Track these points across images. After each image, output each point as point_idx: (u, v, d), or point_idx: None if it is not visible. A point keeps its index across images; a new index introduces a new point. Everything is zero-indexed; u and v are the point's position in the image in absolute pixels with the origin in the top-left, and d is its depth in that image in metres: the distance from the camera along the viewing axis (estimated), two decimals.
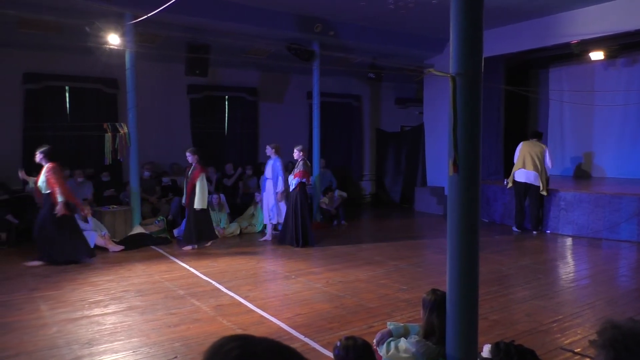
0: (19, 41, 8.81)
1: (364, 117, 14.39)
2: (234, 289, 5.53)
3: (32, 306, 4.99)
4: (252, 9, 8.52)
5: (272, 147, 8.44)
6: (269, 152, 8.45)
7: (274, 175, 8.40)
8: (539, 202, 9.11)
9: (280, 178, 8.34)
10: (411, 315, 4.52)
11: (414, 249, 7.95)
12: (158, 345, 3.96)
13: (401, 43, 10.59)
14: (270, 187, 8.47)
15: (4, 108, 9.42)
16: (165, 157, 10.78)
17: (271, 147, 8.44)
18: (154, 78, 10.32)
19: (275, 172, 8.38)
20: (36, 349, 3.90)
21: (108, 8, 7.48)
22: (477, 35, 2.40)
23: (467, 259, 2.43)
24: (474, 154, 2.41)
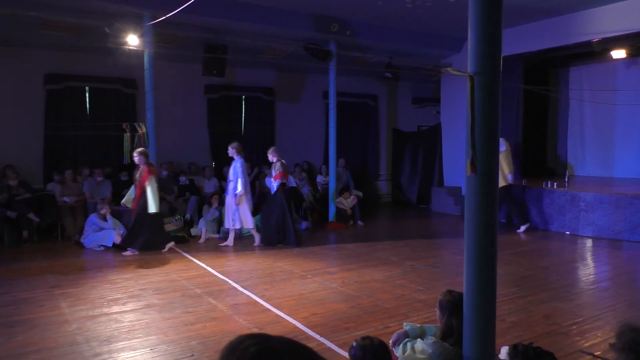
0: (40, 42, 8.96)
1: (381, 117, 14.35)
2: (250, 288, 5.55)
3: (53, 303, 5.08)
4: (269, 9, 8.55)
5: (234, 147, 7.98)
6: (231, 152, 7.97)
7: (235, 177, 7.92)
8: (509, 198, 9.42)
9: (240, 180, 7.81)
10: (427, 316, 4.49)
11: (430, 250, 7.89)
12: (175, 343, 3.99)
13: (418, 42, 10.52)
14: (231, 190, 7.99)
15: (26, 108, 9.60)
16: (182, 157, 10.88)
17: (232, 148, 7.98)
18: (172, 78, 10.42)
19: (236, 173, 7.88)
20: (57, 345, 3.96)
21: (127, 9, 7.57)
22: (496, 34, 2.37)
23: (484, 259, 2.41)
24: (492, 154, 2.39)
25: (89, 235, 7.85)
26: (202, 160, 11.24)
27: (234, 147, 7.97)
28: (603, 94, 11.00)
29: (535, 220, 9.62)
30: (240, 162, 7.87)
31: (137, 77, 9.64)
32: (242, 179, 7.81)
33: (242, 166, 7.86)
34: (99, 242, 7.77)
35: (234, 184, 7.91)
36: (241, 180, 7.80)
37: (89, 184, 9.12)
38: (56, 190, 8.90)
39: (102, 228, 7.89)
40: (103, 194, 8.98)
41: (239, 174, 7.82)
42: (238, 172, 7.82)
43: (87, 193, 9.00)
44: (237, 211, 7.94)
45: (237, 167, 7.86)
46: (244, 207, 7.98)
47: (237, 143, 8.05)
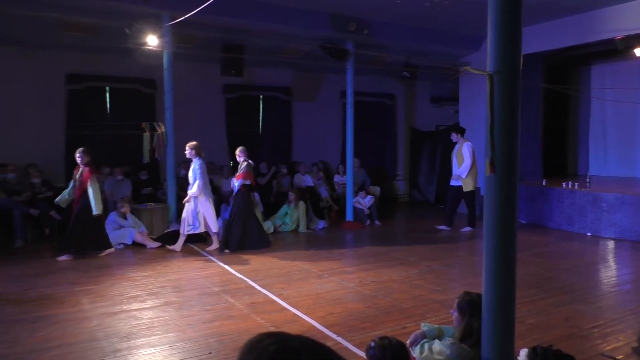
0: (62, 43, 9.11)
1: (398, 116, 14.29)
2: (267, 287, 5.58)
3: (74, 300, 5.16)
4: (287, 9, 8.56)
5: (192, 147, 7.57)
6: (189, 153, 7.56)
7: (194, 179, 7.54)
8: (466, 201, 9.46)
9: (197, 181, 7.42)
10: (445, 317, 4.46)
11: (448, 250, 7.83)
12: (193, 341, 4.03)
13: (436, 41, 10.44)
14: None
15: (48, 108, 9.78)
16: None
17: (190, 148, 7.56)
18: (190, 78, 10.51)
19: (194, 174, 7.52)
20: (77, 341, 4.03)
21: (146, 10, 7.65)
22: (516, 32, 2.35)
23: (503, 260, 2.38)
24: (512, 154, 2.36)
25: (109, 233, 7.95)
26: (220, 159, 11.32)
27: (193, 147, 7.55)
28: (626, 92, 10.80)
29: (556, 221, 9.48)
30: (199, 163, 7.49)
31: (157, 77, 9.75)
32: (200, 181, 7.41)
33: (200, 167, 7.47)
34: (119, 239, 7.88)
35: (190, 185, 7.56)
36: (198, 182, 7.40)
37: (109, 182, 9.25)
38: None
39: (122, 226, 7.99)
40: (123, 192, 9.09)
41: (197, 175, 7.44)
42: (196, 173, 7.44)
43: (108, 192, 9.12)
44: (196, 214, 7.51)
45: (196, 168, 7.47)
46: (207, 209, 7.57)
47: (195, 143, 7.64)
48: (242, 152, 7.89)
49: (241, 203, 7.72)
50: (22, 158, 9.06)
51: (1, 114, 9.38)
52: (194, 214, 7.52)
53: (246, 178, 7.73)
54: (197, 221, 7.54)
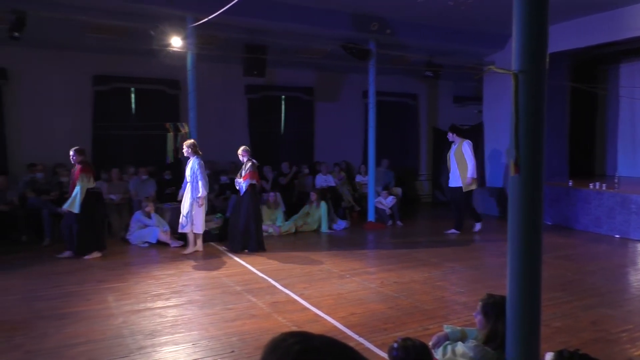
0: (89, 45, 9.29)
1: (421, 116, 14.19)
2: (289, 287, 5.59)
3: (100, 297, 5.26)
4: (309, 9, 8.58)
5: (189, 145, 7.40)
6: (186, 152, 7.41)
7: (192, 178, 7.33)
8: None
9: (200, 182, 7.26)
10: (468, 319, 4.41)
11: (471, 251, 7.75)
12: (216, 339, 4.07)
13: (460, 40, 10.34)
14: (188, 191, 7.42)
15: (76, 108, 9.99)
16: (223, 156, 11.05)
17: (187, 147, 7.40)
18: (213, 79, 10.61)
19: (194, 174, 7.31)
20: (103, 338, 4.11)
21: (171, 12, 7.76)
22: (542, 30, 2.31)
23: (529, 262, 2.35)
24: (537, 154, 2.32)
25: (134, 232, 8.09)
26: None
27: (190, 145, 7.39)
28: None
29: (583, 223, 9.30)
30: (198, 162, 7.32)
31: (180, 78, 9.86)
32: (203, 181, 7.27)
33: (200, 166, 7.30)
34: (144, 238, 8.00)
35: (191, 186, 7.34)
36: (201, 182, 7.26)
37: (134, 182, 9.40)
38: (103, 188, 9.21)
39: (146, 225, 8.11)
40: (147, 192, 9.23)
41: (198, 176, 7.26)
42: (197, 174, 7.26)
43: (133, 191, 9.28)
44: (189, 214, 7.36)
45: (195, 167, 7.30)
46: (199, 210, 7.37)
47: (192, 141, 7.50)
48: (245, 152, 7.76)
49: (250, 203, 7.61)
50: (50, 158, 9.29)
51: (31, 115, 9.62)
52: (188, 213, 7.39)
53: (252, 178, 7.64)
54: (189, 221, 7.38)
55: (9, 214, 8.21)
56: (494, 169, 11.90)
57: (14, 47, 8.63)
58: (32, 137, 9.52)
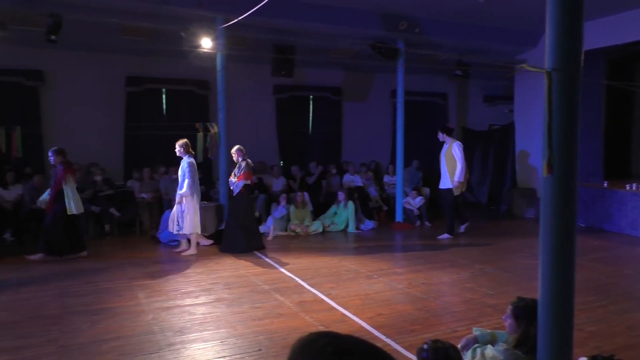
0: (122, 47, 9.50)
1: (450, 116, 14.03)
2: (316, 286, 5.60)
3: (131, 294, 5.37)
4: (337, 9, 8.57)
5: (181, 145, 7.34)
6: (179, 151, 7.36)
7: (182, 178, 7.30)
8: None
9: (186, 180, 7.20)
10: (498, 322, 4.33)
11: (501, 253, 7.62)
12: (244, 337, 4.10)
13: (491, 38, 10.18)
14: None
15: (109, 109, 10.24)
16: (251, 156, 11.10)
17: (179, 146, 7.34)
18: (242, 79, 10.71)
19: (183, 173, 7.27)
20: (134, 334, 4.19)
21: (201, 13, 7.87)
22: (576, 27, 2.25)
23: (561, 265, 2.29)
24: (571, 154, 2.26)
25: (164, 231, 8.22)
26: (270, 159, 11.47)
27: (182, 145, 7.34)
28: None
29: (618, 225, 9.03)
30: (188, 162, 7.27)
31: (210, 79, 10.00)
32: (189, 180, 7.20)
33: (189, 165, 7.24)
34: (173, 237, 8.11)
35: (180, 184, 7.37)
36: (187, 181, 7.18)
37: (165, 181, 9.56)
38: (135, 187, 9.41)
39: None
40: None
41: (185, 174, 7.23)
42: (185, 172, 7.23)
43: (163, 190, 9.43)
44: (178, 213, 7.34)
45: (184, 166, 7.25)
46: (190, 210, 7.31)
47: (185, 140, 7.42)
48: (239, 152, 7.66)
49: (245, 204, 7.58)
50: (85, 157, 9.53)
51: (66, 116, 9.89)
52: (180, 214, 7.34)
53: (247, 178, 7.57)
54: (183, 221, 7.33)
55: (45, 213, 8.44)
56: (525, 169, 11.68)
57: (51, 50, 8.88)
58: (67, 137, 9.78)
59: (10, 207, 8.37)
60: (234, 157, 7.70)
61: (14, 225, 8.24)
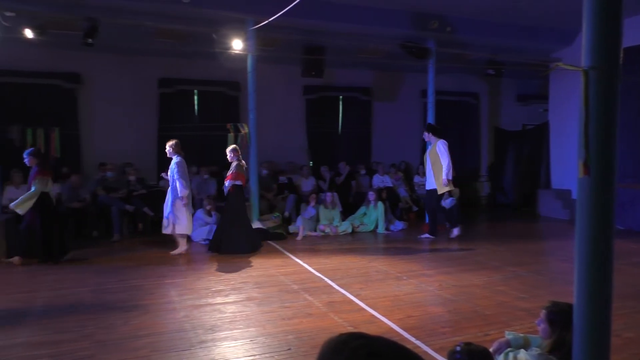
0: (155, 49, 9.71)
1: (482, 116, 13.82)
2: (345, 287, 5.59)
3: (163, 291, 5.47)
4: (367, 9, 8.55)
5: (171, 145, 7.27)
6: (169, 152, 7.29)
7: (171, 178, 7.22)
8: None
9: (178, 182, 7.12)
10: (531, 326, 4.22)
11: (534, 255, 7.45)
12: (273, 336, 4.13)
13: (524, 36, 9.97)
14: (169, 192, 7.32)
15: (143, 110, 10.47)
16: (281, 156, 11.22)
17: (170, 146, 7.27)
18: (272, 80, 10.79)
19: (172, 174, 7.18)
20: (166, 331, 4.27)
21: (232, 15, 7.96)
22: (615, 24, 2.18)
23: (598, 269, 2.22)
24: (609, 154, 2.19)
25: (195, 230, 8.34)
26: (300, 159, 11.52)
27: (172, 145, 7.27)
28: None
29: None
30: (176, 162, 7.20)
31: (241, 80, 10.12)
32: (180, 180, 7.12)
33: (178, 166, 7.16)
34: (204, 236, 8.24)
35: (170, 186, 7.26)
36: (179, 182, 7.12)
37: (196, 181, 9.70)
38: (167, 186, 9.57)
39: (207, 223, 8.36)
40: (208, 191, 9.52)
41: (175, 175, 7.15)
42: (174, 173, 7.16)
43: (195, 190, 9.57)
44: (171, 214, 7.25)
45: (173, 167, 7.18)
46: (179, 210, 7.22)
47: (175, 141, 7.33)
48: (233, 152, 7.60)
49: (234, 204, 7.51)
50: (119, 157, 9.77)
51: (102, 117, 10.16)
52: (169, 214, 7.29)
53: (236, 178, 7.46)
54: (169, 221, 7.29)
55: (82, 211, 8.71)
56: (561, 170, 11.40)
57: (88, 53, 9.13)
58: (103, 137, 10.05)
59: None
60: (228, 156, 7.62)
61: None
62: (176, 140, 7.40)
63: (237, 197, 7.53)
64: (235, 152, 7.61)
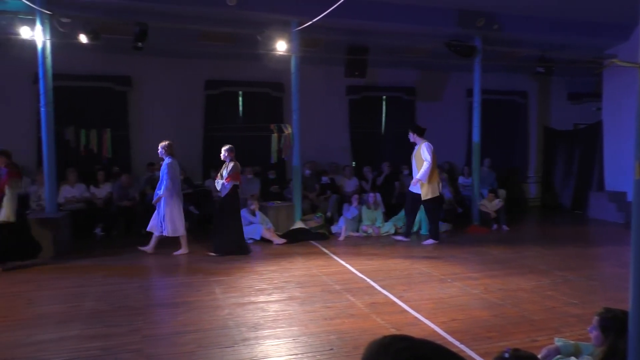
0: (201, 52, 9.93)
1: (530, 115, 13.41)
2: (388, 288, 5.55)
3: (208, 289, 5.59)
4: (411, 7, 8.46)
5: (163, 146, 7.25)
6: (160, 152, 7.26)
7: (162, 179, 7.21)
8: None
9: (165, 181, 7.10)
10: (582, 333, 4.07)
11: (586, 260, 7.17)
12: (315, 336, 4.14)
13: (576, 32, 9.62)
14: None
15: (189, 112, 10.72)
16: (324, 156, 11.24)
17: (162, 147, 7.25)
18: (315, 81, 10.83)
19: (162, 174, 7.19)
20: (211, 328, 4.35)
21: (276, 17, 8.05)
22: None
23: None
24: None
25: None
26: (342, 159, 11.52)
27: (164, 146, 7.25)
28: None
29: None
30: (167, 163, 7.16)
31: (284, 81, 10.21)
32: (167, 182, 7.09)
33: (167, 167, 7.12)
34: (249, 235, 8.34)
35: (158, 185, 7.30)
36: (165, 184, 7.09)
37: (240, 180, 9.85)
38: (212, 186, 9.77)
39: (251, 222, 8.47)
40: (253, 190, 9.64)
41: (163, 175, 7.15)
42: (163, 173, 7.16)
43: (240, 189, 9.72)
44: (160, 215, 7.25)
45: (163, 168, 7.17)
46: (170, 211, 7.22)
47: (168, 142, 7.32)
48: (228, 152, 7.52)
49: (232, 205, 7.49)
50: None
51: (150, 118, 10.47)
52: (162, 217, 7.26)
53: (235, 179, 7.45)
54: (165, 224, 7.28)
55: (131, 209, 9.01)
56: (615, 171, 10.92)
57: (137, 57, 9.43)
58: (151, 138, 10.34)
59: (101, 204, 8.99)
60: (223, 156, 7.55)
61: (103, 221, 8.81)
62: (169, 141, 7.38)
63: (235, 198, 7.51)
64: (231, 152, 7.54)
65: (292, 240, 8.26)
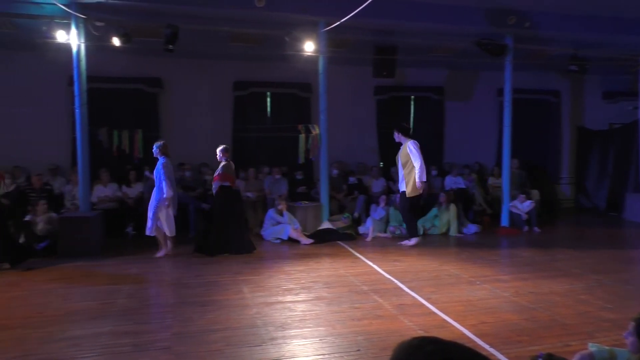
0: (230, 53, 10.03)
1: (563, 114, 13.11)
2: (415, 290, 5.50)
3: (236, 288, 5.64)
4: (441, 6, 8.37)
5: (158, 146, 7.15)
6: (155, 152, 7.17)
7: (157, 179, 7.07)
8: None
9: (164, 182, 6.98)
10: (618, 339, 3.95)
11: (622, 263, 6.96)
12: (342, 337, 4.13)
13: (610, 29, 9.35)
14: (154, 193, 7.14)
15: (218, 113, 10.85)
16: (351, 157, 11.23)
17: (157, 146, 7.16)
18: (343, 81, 10.82)
19: (158, 175, 7.05)
20: (239, 326, 4.39)
21: (304, 18, 8.07)
22: None
23: None
24: None
25: (267, 229, 8.54)
26: (370, 160, 11.47)
27: (159, 146, 7.16)
28: None
29: None
30: (162, 163, 7.08)
31: (312, 81, 10.23)
32: (166, 182, 6.99)
33: (163, 167, 7.03)
34: (276, 235, 8.41)
35: (157, 187, 7.12)
36: (165, 183, 6.99)
37: (268, 181, 9.93)
38: (241, 186, 9.86)
39: (279, 222, 8.52)
40: (280, 190, 9.70)
41: (161, 176, 7.02)
42: (160, 174, 7.02)
43: (267, 189, 9.80)
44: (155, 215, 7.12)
45: (159, 168, 7.05)
46: (165, 212, 7.13)
47: (163, 142, 7.27)
48: (222, 152, 7.50)
49: (220, 205, 7.42)
50: (196, 158, 10.19)
51: (180, 119, 10.64)
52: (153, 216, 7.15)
53: (223, 180, 7.35)
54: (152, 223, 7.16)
55: None
56: None
57: (168, 58, 9.60)
58: (181, 139, 10.52)
59: (132, 203, 9.18)
60: (218, 156, 7.55)
61: (135, 220, 8.99)
62: (163, 141, 7.38)
63: (224, 199, 7.42)
64: (226, 152, 7.52)
65: (320, 241, 8.27)
